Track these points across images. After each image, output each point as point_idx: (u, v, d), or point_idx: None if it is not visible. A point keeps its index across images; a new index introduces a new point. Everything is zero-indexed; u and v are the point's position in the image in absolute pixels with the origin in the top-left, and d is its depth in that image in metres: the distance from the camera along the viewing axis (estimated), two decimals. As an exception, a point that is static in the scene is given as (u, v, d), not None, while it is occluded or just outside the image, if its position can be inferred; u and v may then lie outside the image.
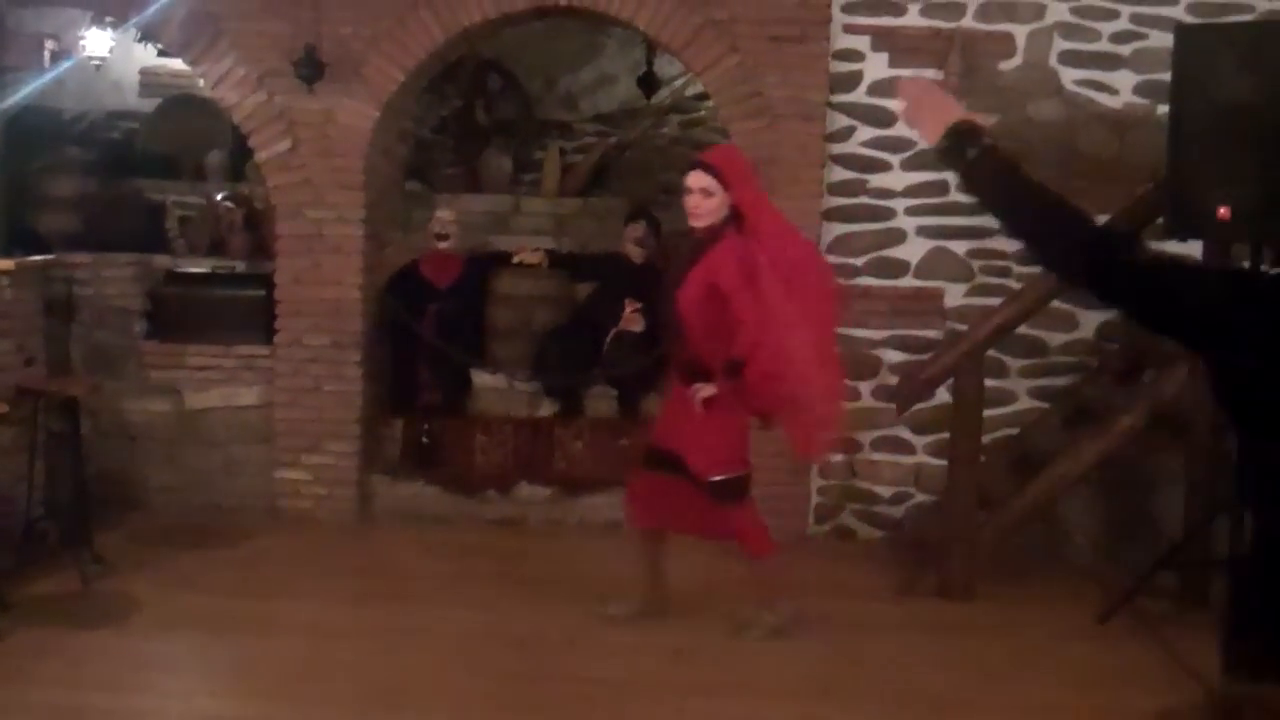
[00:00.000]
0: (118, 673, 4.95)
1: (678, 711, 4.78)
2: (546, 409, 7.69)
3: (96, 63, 8.79)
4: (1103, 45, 7.03)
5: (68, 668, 4.98)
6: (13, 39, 6.56)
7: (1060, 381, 7.09)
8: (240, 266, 7.70)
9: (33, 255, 6.51)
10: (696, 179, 5.17)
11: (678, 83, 9.50)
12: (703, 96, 8.70)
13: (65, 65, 7.29)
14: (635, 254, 7.86)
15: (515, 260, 7.96)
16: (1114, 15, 7.02)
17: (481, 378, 7.74)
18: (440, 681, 5.01)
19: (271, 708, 4.56)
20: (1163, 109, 6.29)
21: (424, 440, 7.50)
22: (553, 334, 7.82)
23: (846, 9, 7.03)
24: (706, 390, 5.13)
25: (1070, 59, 7.05)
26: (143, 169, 8.63)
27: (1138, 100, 6.97)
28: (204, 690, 4.69)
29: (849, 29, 7.05)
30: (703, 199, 5.14)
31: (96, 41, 8.58)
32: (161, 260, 7.73)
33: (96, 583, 5.97)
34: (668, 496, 5.39)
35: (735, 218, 5.16)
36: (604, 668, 5.16)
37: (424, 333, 7.59)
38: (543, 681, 5.03)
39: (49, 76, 7.15)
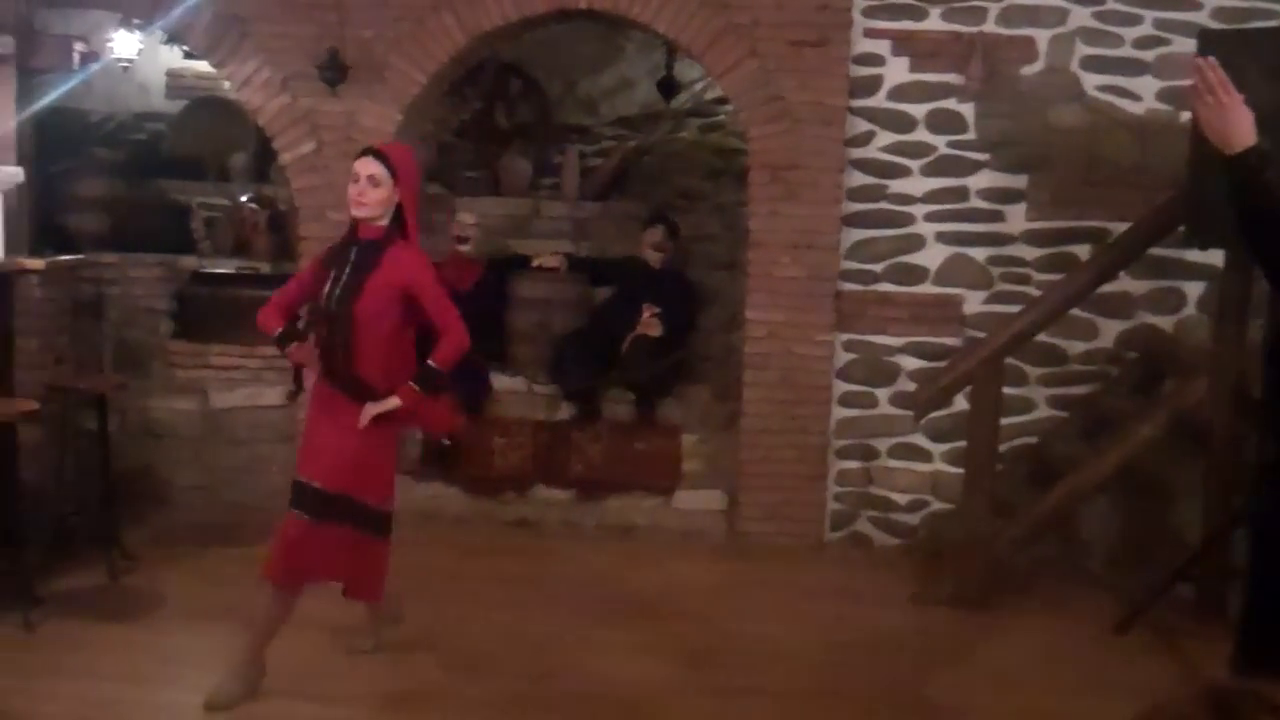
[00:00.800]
0: (145, 666, 5.02)
1: (691, 713, 4.82)
2: (565, 412, 7.74)
3: (124, 65, 8.85)
4: (1125, 51, 7.02)
5: (96, 660, 5.06)
6: (41, 41, 6.61)
7: (1079, 390, 7.10)
8: (265, 267, 7.77)
9: (62, 255, 6.58)
10: (365, 165, 4.68)
11: (698, 86, 9.54)
12: (722, 100, 8.74)
13: (94, 67, 7.34)
14: (654, 258, 7.90)
15: (534, 264, 8.02)
16: (1137, 20, 7.01)
17: (500, 380, 7.79)
18: (457, 680, 5.05)
19: (294, 703, 4.61)
20: (1185, 115, 6.31)
21: (444, 442, 7.54)
22: (571, 338, 7.87)
23: (867, 13, 7.04)
24: (388, 405, 4.69)
25: (1092, 64, 7.04)
26: (169, 170, 8.70)
27: (1160, 107, 6.97)
28: (208, 682, 4.72)
29: (869, 33, 7.06)
30: (370, 188, 4.65)
31: (124, 44, 8.64)
32: (187, 261, 7.82)
33: (124, 578, 6.06)
34: (319, 542, 4.72)
35: (398, 221, 4.76)
36: (619, 669, 5.20)
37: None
38: (558, 682, 5.08)
39: (77, 78, 7.20)
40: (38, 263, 6.29)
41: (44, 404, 5.93)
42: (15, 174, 6.29)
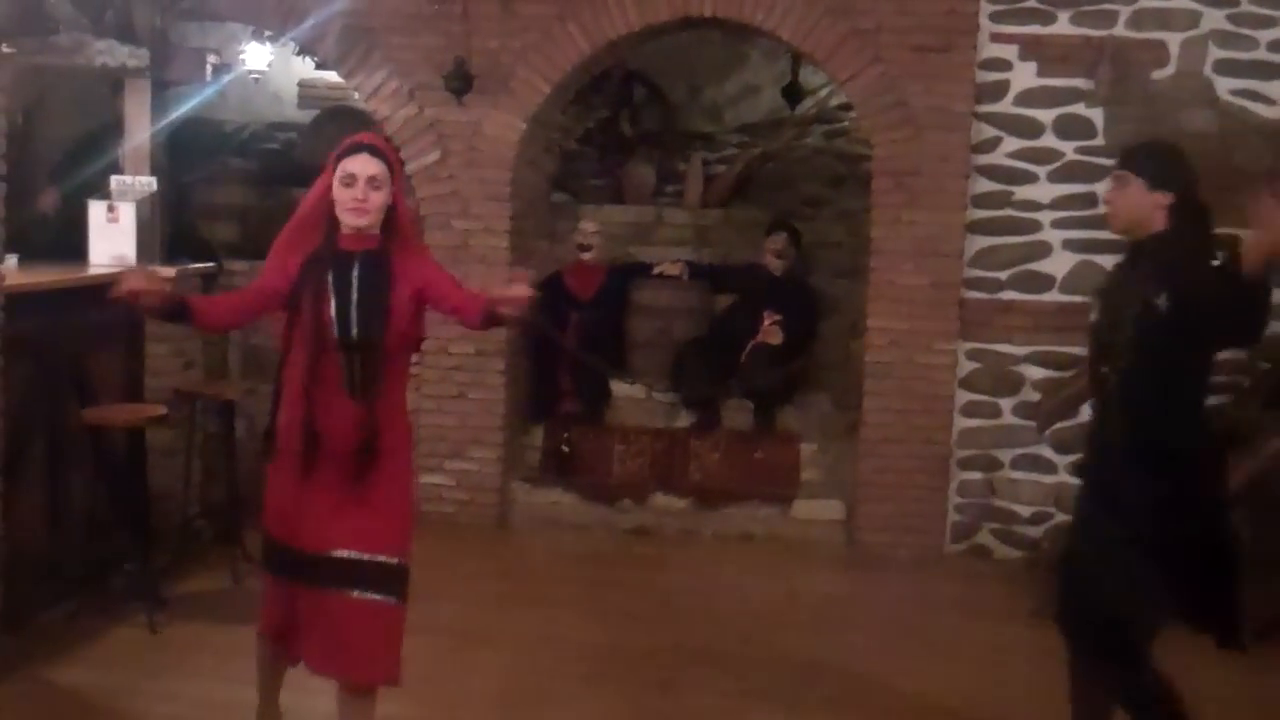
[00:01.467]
0: (264, 669, 5.12)
1: None
2: (684, 420, 7.76)
3: (255, 76, 9.09)
4: (1260, 54, 6.84)
5: (219, 662, 5.17)
6: (175, 54, 6.80)
7: (1210, 402, 6.90)
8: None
9: (194, 263, 6.75)
10: (365, 164, 3.85)
11: (822, 93, 9.48)
12: (847, 107, 8.69)
13: (226, 79, 7.54)
14: (775, 265, 7.89)
15: (656, 271, 8.05)
16: (1272, 23, 6.83)
17: (621, 388, 7.83)
18: (575, 689, 5.09)
19: (413, 706, 4.67)
20: (1321, 122, 6.14)
21: (563, 449, 7.60)
22: (691, 345, 7.88)
23: (994, 17, 6.95)
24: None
25: (1226, 68, 6.87)
26: (300, 179, 8.86)
27: (1296, 112, 6.79)
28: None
29: (996, 38, 6.97)
30: (371, 191, 3.86)
31: (255, 55, 8.89)
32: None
33: (247, 581, 6.18)
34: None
35: (389, 223, 3.96)
36: (737, 680, 5.19)
37: (565, 343, 7.70)
38: (675, 692, 5.08)
39: (211, 89, 7.40)
40: (169, 270, 6.44)
41: (172, 409, 6.09)
42: (149, 183, 6.47)
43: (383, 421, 3.89)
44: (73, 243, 6.54)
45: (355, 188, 3.83)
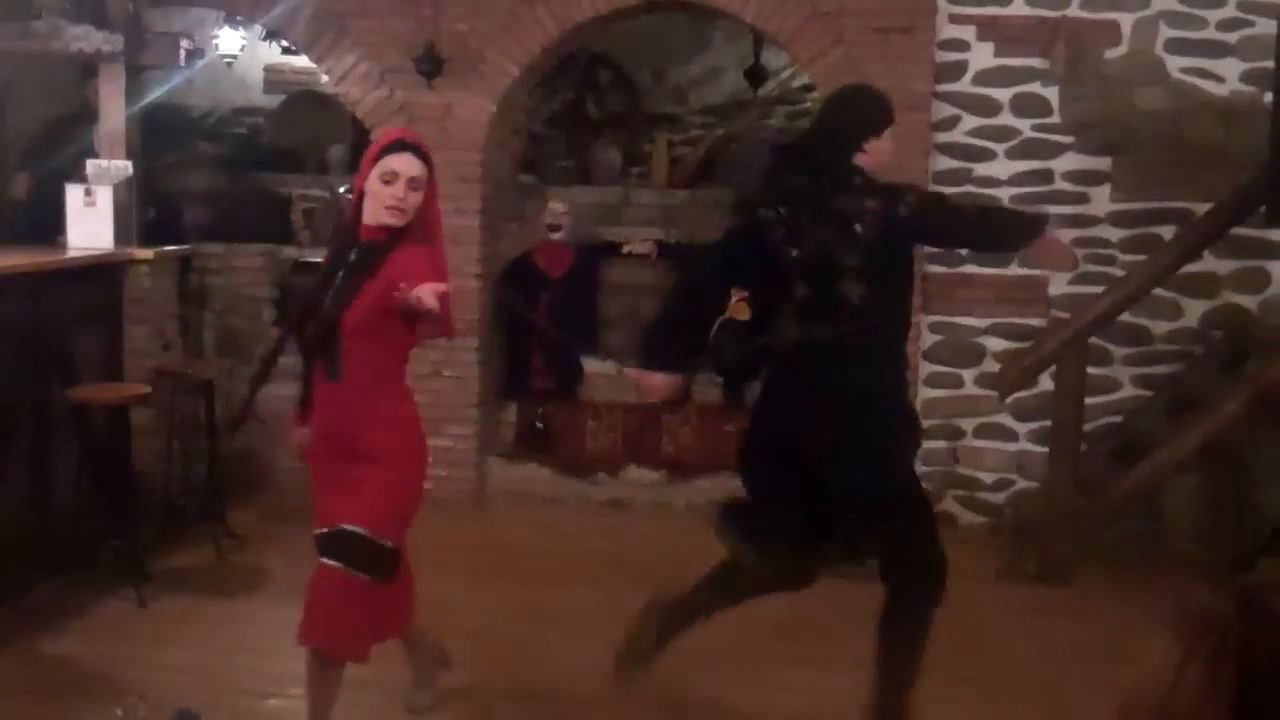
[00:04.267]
0: (253, 637, 5.27)
1: (780, 682, 4.97)
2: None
3: (228, 60, 9.17)
4: (1209, 33, 7.05)
5: (207, 632, 5.31)
6: (149, 39, 6.88)
7: (1164, 369, 7.13)
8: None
9: (168, 246, 6.85)
10: (409, 164, 3.85)
11: (784, 74, 9.63)
12: (809, 88, 8.83)
13: (199, 63, 7.62)
14: (742, 244, 8.02)
15: (625, 250, 8.19)
16: (1221, 2, 7.03)
17: (592, 365, 7.98)
18: (555, 652, 5.24)
19: (402, 671, 4.81)
20: (1268, 97, 6.34)
21: (537, 425, 7.75)
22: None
23: None
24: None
25: (1176, 47, 7.07)
26: (268, 163, 8.98)
27: (1244, 88, 6.98)
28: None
29: (954, 19, 7.15)
30: (410, 192, 3.86)
31: (228, 40, 8.96)
32: (288, 251, 8.07)
33: (231, 556, 6.32)
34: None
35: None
36: (711, 640, 5.32)
37: (537, 321, 7.84)
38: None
39: (183, 74, 7.48)
40: (147, 253, 6.55)
41: (153, 389, 6.20)
42: (125, 168, 6.56)
43: (367, 407, 3.91)
44: (46, 227, 6.63)
45: (396, 185, 3.81)
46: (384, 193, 3.82)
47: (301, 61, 9.12)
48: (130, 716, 1.89)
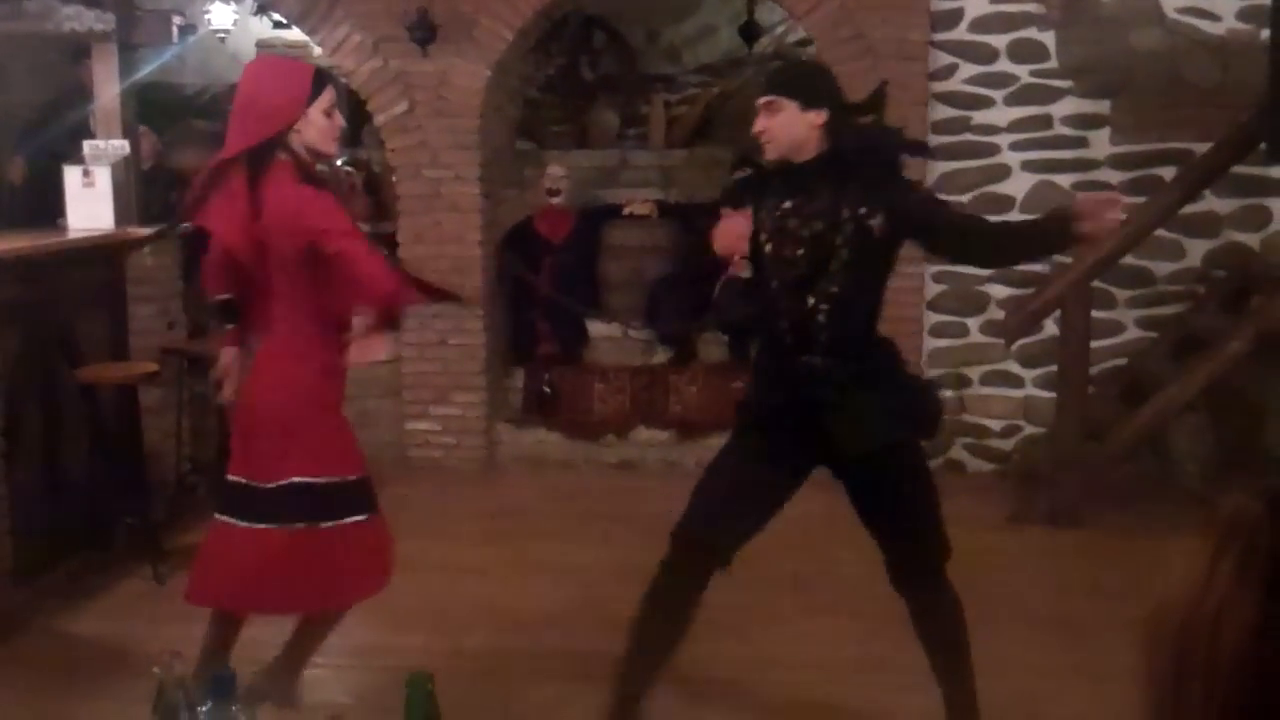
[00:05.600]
0: (270, 611, 5.28)
1: (798, 634, 5.01)
2: (660, 356, 7.92)
3: (220, 35, 9.14)
4: (1205, -29, 7.03)
5: (225, 607, 5.32)
6: (141, 17, 6.85)
7: (1168, 311, 7.14)
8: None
9: (168, 224, 6.83)
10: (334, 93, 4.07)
11: (779, 30, 9.60)
12: (804, 42, 8.80)
13: (191, 40, 7.60)
14: (743, 201, 8.02)
15: (625, 212, 8.19)
16: (1215, -60, 7.01)
17: (597, 328, 7.99)
18: (568, 610, 5.27)
19: (417, 635, 4.85)
20: (1265, 34, 6.32)
21: (545, 389, 7.77)
22: (663, 282, 8.03)
23: (946, -54, 7.11)
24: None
25: (1172, -13, 7.05)
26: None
27: (1241, 26, 6.95)
28: (352, 622, 4.95)
29: (949, -34, 7.14)
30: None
31: (220, 14, 8.94)
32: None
33: (243, 530, 6.33)
34: None
35: None
36: (726, 595, 5.33)
37: (541, 286, 7.85)
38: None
39: (175, 50, 7.46)
40: (147, 231, 6.55)
41: (160, 368, 6.20)
42: (121, 146, 6.54)
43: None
44: (43, 210, 6.63)
45: (336, 117, 3.96)
46: (329, 126, 3.93)
47: (293, 35, 9.09)
48: (167, 674, 1.90)
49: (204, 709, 1.95)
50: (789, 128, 3.65)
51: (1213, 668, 1.13)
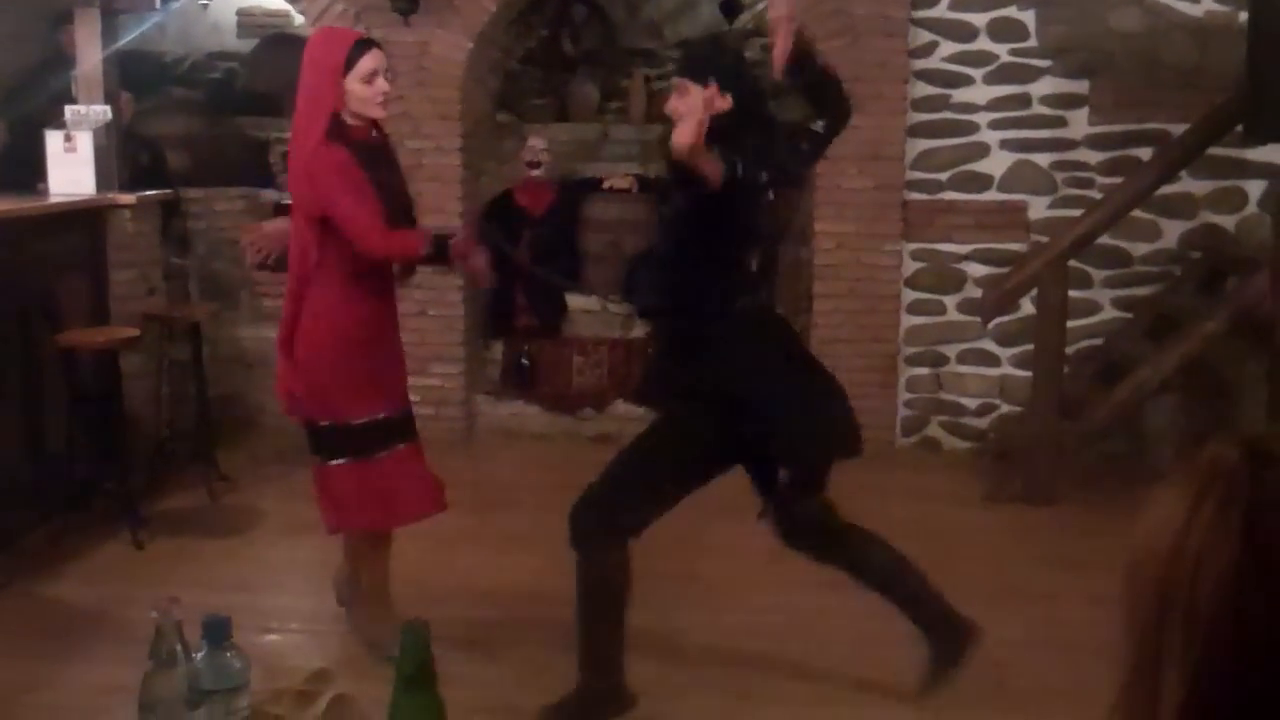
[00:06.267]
0: (250, 575, 5.32)
1: (777, 605, 5.05)
2: (639, 329, 7.94)
3: (204, 2, 9.10)
4: (1184, -49, 7.07)
5: (204, 572, 5.35)
6: (123, -18, 6.83)
7: (1143, 291, 7.20)
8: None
9: (149, 190, 6.82)
10: (379, 58, 4.18)
11: (759, 6, 9.60)
12: (785, 19, 8.82)
13: (174, 5, 7.57)
14: (722, 176, 8.05)
15: (605, 186, 8.20)
16: (1195, -79, 7.05)
17: (576, 300, 8.01)
18: (552, 578, 5.29)
19: (406, 604, 4.87)
20: (1243, 16, 6.36)
21: (523, 362, 7.78)
22: (643, 257, 8.04)
23: (928, -75, 7.13)
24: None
25: (1151, -32, 7.09)
26: (244, 107, 8.92)
27: (1218, 8, 7.00)
28: (328, 589, 5.00)
29: (930, -56, 7.16)
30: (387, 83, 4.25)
31: (203, -18, 8.90)
32: (268, 194, 8.05)
33: (223, 497, 6.36)
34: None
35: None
36: (707, 566, 5.43)
37: (520, 258, 7.86)
38: (650, 579, 5.29)
39: (157, 16, 7.43)
40: (129, 197, 6.54)
41: (140, 333, 6.21)
42: (103, 112, 6.53)
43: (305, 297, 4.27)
44: (23, 176, 6.60)
45: (378, 80, 4.10)
46: (370, 91, 4.08)
47: (274, 4, 9.07)
48: (165, 619, 1.93)
49: (199, 654, 1.98)
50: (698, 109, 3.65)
51: (1193, 609, 1.15)
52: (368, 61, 4.06)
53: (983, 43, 7.17)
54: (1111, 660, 1.27)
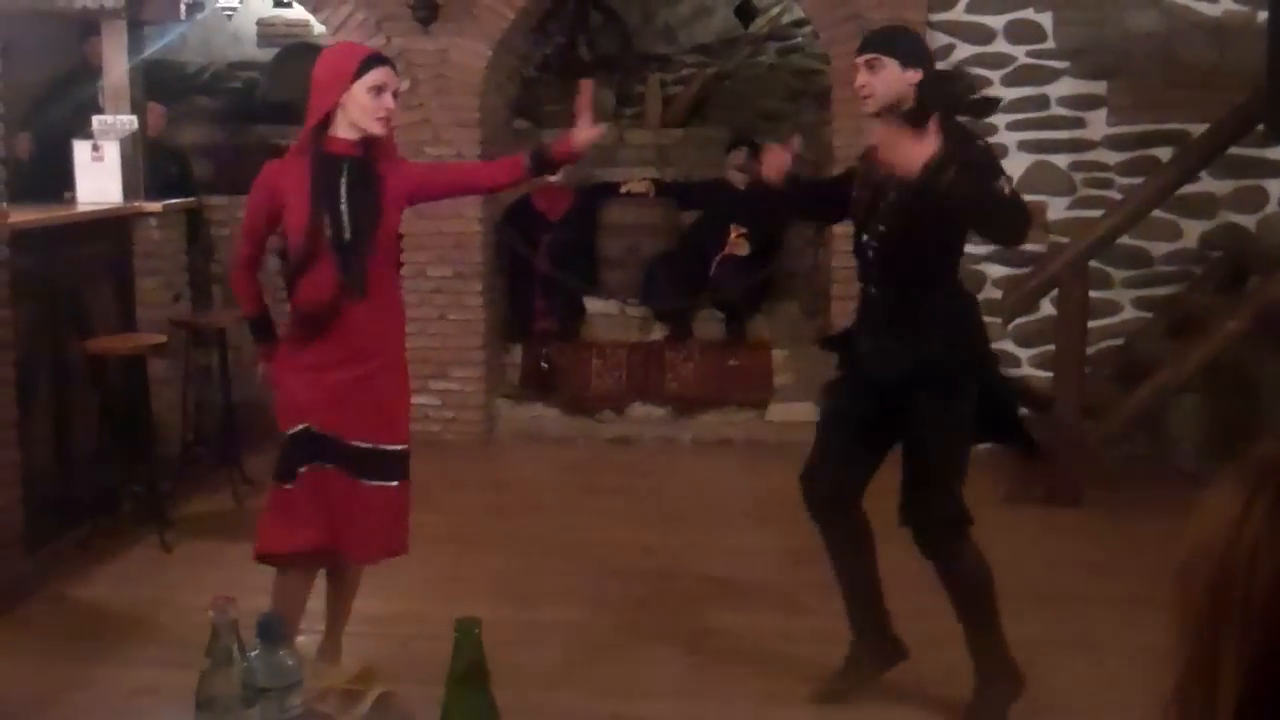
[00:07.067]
0: (277, 578, 5.35)
1: (800, 606, 5.07)
2: (657, 333, 7.99)
3: (228, 12, 9.18)
4: (1203, -49, 7.08)
5: (232, 574, 5.36)
6: (148, -6, 6.90)
7: (1164, 291, 7.21)
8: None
9: (172, 199, 6.89)
10: (392, 76, 4.00)
11: (774, 10, 9.65)
12: (800, 23, 8.87)
13: (200, 16, 7.64)
14: (738, 180, 8.07)
15: (623, 190, 8.25)
16: (1214, -77, 7.06)
17: (594, 304, 8.06)
18: (574, 582, 5.34)
19: (425, 605, 4.91)
20: (1262, 16, 6.38)
21: (543, 365, 7.82)
22: (661, 260, 8.09)
23: (943, -73, 7.16)
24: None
25: (1169, -32, 7.11)
26: (265, 116, 8.99)
27: (1237, 8, 7.00)
28: (361, 592, 5.03)
29: (947, -53, 7.18)
30: (393, 102, 4.06)
31: (226, -7, 8.98)
32: (290, 201, 8.10)
33: (247, 501, 6.39)
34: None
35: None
36: (727, 568, 5.46)
37: (539, 263, 7.90)
38: (669, 581, 5.35)
39: (182, 28, 7.50)
40: (155, 206, 6.61)
41: (167, 339, 6.27)
42: (130, 121, 6.59)
43: (386, 320, 4.13)
44: (50, 185, 6.67)
45: (384, 97, 3.92)
46: (373, 104, 3.91)
47: (294, 14, 9.15)
48: (221, 617, 1.97)
49: (254, 653, 2.02)
50: (889, 84, 3.89)
51: (1249, 605, 1.16)
52: (378, 74, 3.94)
53: (1000, 45, 7.19)
54: (1136, 660, 1.29)
